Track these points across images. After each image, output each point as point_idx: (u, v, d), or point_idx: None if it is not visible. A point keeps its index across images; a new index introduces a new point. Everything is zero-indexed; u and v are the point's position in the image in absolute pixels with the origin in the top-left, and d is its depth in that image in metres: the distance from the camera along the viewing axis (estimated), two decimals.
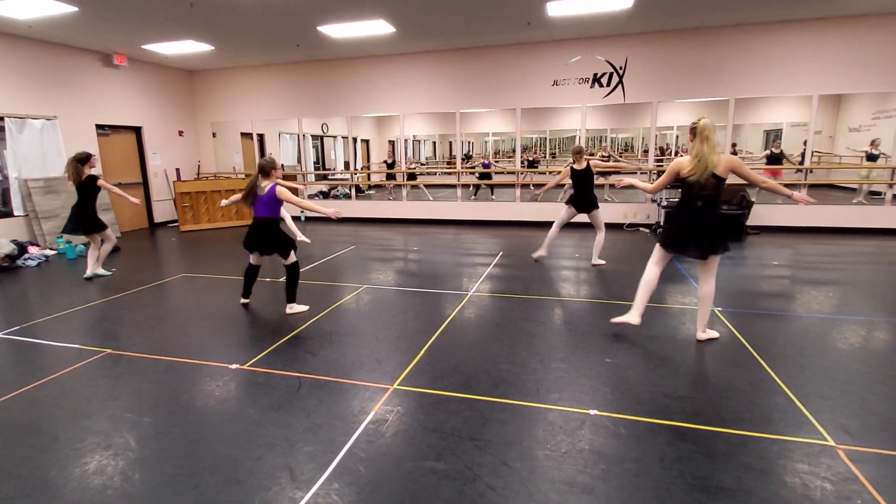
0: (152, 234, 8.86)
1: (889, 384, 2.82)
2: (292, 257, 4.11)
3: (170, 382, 2.99)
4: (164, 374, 3.10)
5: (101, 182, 5.38)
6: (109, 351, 3.47)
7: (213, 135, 10.43)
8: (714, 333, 3.50)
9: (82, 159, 5.32)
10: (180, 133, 10.08)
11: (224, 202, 4.48)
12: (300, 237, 7.22)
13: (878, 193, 7.99)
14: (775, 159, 8.17)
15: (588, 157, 5.58)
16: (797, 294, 4.66)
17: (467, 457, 2.19)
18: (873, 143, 7.81)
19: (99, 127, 8.37)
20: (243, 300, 4.41)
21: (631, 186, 3.70)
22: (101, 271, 5.71)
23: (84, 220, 5.40)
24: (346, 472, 2.10)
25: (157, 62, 9.20)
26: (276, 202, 3.95)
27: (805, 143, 7.66)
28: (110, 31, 7.03)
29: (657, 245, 3.45)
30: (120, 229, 8.62)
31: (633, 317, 3.46)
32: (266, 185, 3.95)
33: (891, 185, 7.42)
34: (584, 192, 5.52)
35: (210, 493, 1.99)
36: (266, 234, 4.03)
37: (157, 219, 9.60)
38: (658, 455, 2.19)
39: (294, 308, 4.19)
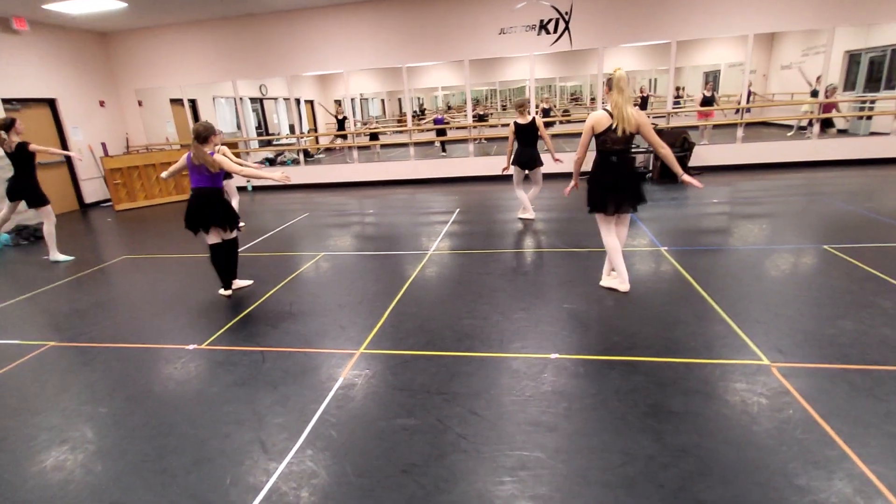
0: (84, 215, 8.23)
1: (815, 304, 3.10)
2: (236, 231, 3.90)
3: (123, 370, 2.87)
4: (116, 363, 2.97)
5: (32, 147, 5.01)
6: (52, 343, 3.27)
7: (139, 103, 9.59)
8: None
9: (5, 125, 4.82)
10: (101, 103, 9.19)
11: (164, 174, 4.06)
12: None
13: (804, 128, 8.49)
14: (708, 102, 8.62)
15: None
16: (735, 229, 4.96)
17: (437, 410, 2.26)
18: (818, 80, 7.92)
19: (6, 101, 7.49)
20: (225, 292, 3.90)
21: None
22: (61, 257, 5.25)
23: (22, 190, 5.08)
24: (318, 439, 2.12)
25: (63, 24, 8.21)
26: (216, 171, 3.70)
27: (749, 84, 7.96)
28: None
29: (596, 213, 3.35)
30: None
31: None
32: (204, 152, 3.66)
33: (818, 119, 7.87)
34: None
35: (180, 475, 1.97)
36: (209, 204, 3.73)
37: (88, 199, 8.89)
38: (614, 389, 2.34)
39: (239, 283, 4.03)
